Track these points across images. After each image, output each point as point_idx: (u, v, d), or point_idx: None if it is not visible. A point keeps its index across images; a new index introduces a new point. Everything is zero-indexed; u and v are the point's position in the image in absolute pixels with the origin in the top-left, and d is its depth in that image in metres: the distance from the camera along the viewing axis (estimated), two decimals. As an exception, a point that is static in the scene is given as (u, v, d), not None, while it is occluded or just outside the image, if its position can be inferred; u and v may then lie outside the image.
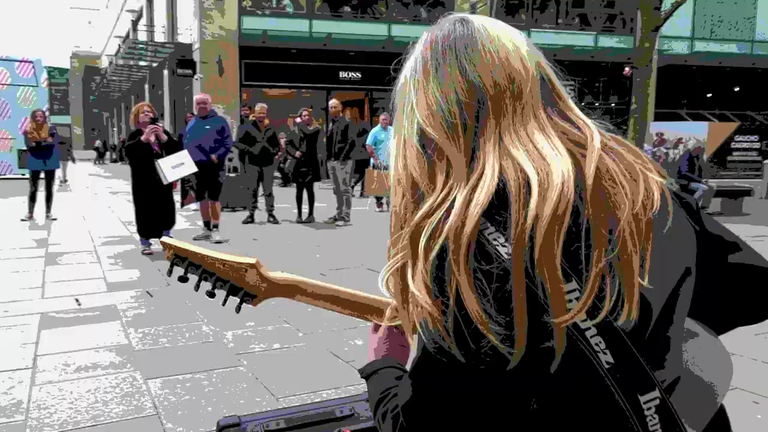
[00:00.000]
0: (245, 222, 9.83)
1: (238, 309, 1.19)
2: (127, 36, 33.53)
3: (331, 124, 9.94)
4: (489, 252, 0.74)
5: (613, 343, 0.77)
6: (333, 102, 9.85)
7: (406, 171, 0.85)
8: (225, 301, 1.18)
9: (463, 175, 0.80)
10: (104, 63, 47.85)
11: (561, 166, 0.76)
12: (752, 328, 1.06)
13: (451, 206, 0.78)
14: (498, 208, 0.76)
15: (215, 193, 8.21)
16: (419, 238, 0.79)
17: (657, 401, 0.79)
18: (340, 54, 20.79)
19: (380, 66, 21.14)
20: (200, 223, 8.73)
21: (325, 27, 20.50)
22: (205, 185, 8.13)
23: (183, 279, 1.18)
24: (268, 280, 1.15)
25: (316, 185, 10.26)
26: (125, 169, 22.62)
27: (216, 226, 8.31)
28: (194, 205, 10.85)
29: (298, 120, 9.64)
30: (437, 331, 0.76)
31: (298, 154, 9.74)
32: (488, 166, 0.79)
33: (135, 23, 32.62)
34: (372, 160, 11.11)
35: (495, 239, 0.75)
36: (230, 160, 12.57)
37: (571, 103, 0.87)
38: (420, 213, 0.80)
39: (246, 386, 3.37)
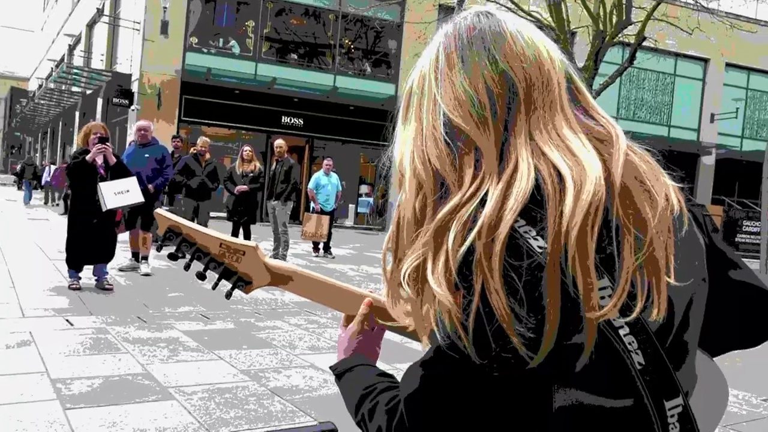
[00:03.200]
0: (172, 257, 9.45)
1: (229, 295, 1.12)
2: (62, 60, 32.45)
3: (274, 164, 9.84)
4: (520, 246, 0.73)
5: (644, 344, 0.76)
6: (279, 142, 9.80)
7: (426, 165, 0.81)
8: (216, 285, 1.12)
9: (494, 167, 0.78)
10: (33, 86, 46.04)
11: (592, 162, 0.77)
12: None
13: (484, 200, 0.76)
14: (531, 204, 0.75)
15: (148, 223, 7.87)
16: (446, 232, 0.76)
17: (680, 408, 0.78)
18: (283, 99, 20.78)
19: (323, 115, 21.33)
20: (127, 254, 8.34)
21: (270, 71, 20.53)
22: (138, 214, 7.81)
23: (174, 256, 1.11)
24: (265, 267, 1.09)
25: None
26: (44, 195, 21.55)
27: (145, 258, 7.95)
28: (123, 236, 10.36)
29: (245, 152, 9.49)
30: (454, 328, 0.73)
31: (237, 189, 9.53)
32: (522, 161, 0.77)
33: (72, 48, 31.70)
34: (312, 204, 11.04)
35: (526, 232, 0.74)
36: (165, 193, 12.17)
37: (592, 101, 0.87)
38: (448, 206, 0.78)
39: (179, 421, 3.16)
